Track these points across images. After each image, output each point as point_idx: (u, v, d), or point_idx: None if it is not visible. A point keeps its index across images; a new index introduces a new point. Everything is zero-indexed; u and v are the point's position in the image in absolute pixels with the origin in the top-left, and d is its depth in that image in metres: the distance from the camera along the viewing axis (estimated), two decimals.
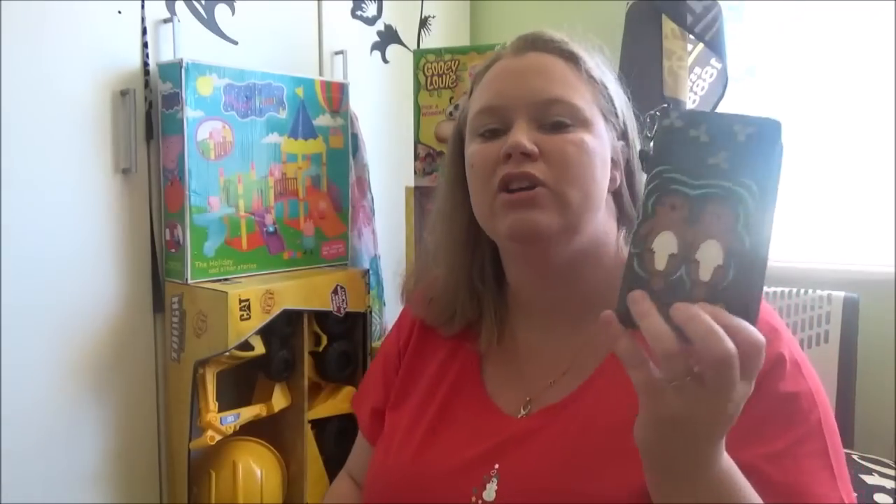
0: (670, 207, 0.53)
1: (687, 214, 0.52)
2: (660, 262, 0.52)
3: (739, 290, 0.51)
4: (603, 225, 0.76)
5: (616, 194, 0.78)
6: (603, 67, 0.78)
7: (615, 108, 0.76)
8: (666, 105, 0.57)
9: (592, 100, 0.74)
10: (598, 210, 0.74)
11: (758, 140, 0.54)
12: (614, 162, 0.76)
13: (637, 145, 0.79)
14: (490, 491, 0.70)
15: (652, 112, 0.59)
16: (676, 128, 0.55)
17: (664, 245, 0.53)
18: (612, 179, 0.77)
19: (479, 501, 0.70)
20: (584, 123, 0.72)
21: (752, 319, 0.50)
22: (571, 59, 0.75)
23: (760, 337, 0.48)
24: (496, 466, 0.71)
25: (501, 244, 0.78)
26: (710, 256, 0.51)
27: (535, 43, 0.76)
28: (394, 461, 0.79)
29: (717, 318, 0.48)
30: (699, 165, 0.53)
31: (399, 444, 0.80)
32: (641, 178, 0.78)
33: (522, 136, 0.70)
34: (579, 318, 0.76)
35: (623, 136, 0.78)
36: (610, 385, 0.70)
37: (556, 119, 0.71)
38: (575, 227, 0.72)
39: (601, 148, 0.73)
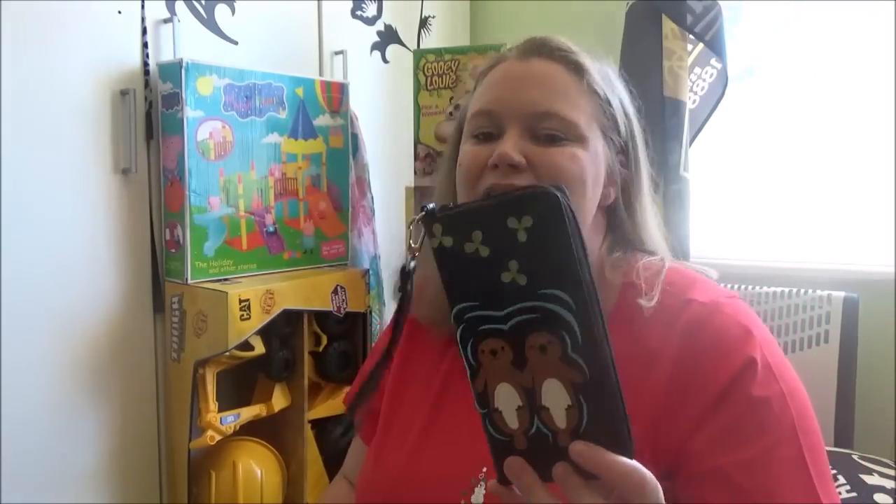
0: (491, 354, 0.46)
1: (511, 356, 0.46)
2: (511, 421, 0.46)
3: (603, 420, 0.45)
4: (587, 235, 0.74)
5: (609, 210, 0.77)
6: (611, 80, 0.76)
7: (617, 123, 0.75)
8: (423, 207, 0.49)
9: (592, 114, 0.72)
10: (583, 223, 0.72)
11: (542, 230, 0.45)
12: (610, 178, 0.75)
13: (642, 160, 0.78)
14: (478, 495, 0.70)
15: (413, 219, 0.51)
16: (447, 248, 0.46)
17: (507, 399, 0.46)
18: (606, 196, 0.75)
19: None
20: (579, 139, 0.71)
21: (628, 446, 0.46)
22: (576, 69, 0.73)
23: (640, 474, 0.46)
24: (484, 470, 0.71)
25: None
26: (556, 399, 0.45)
27: (540, 48, 0.74)
28: (387, 464, 0.79)
29: (593, 461, 0.45)
30: (495, 289, 0.45)
31: (392, 446, 0.80)
32: (642, 193, 0.78)
33: (511, 148, 0.69)
34: None
35: (623, 151, 0.76)
36: None
37: (550, 132, 0.70)
38: None
39: (593, 164, 0.72)
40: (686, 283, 0.72)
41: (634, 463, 0.46)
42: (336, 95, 1.64)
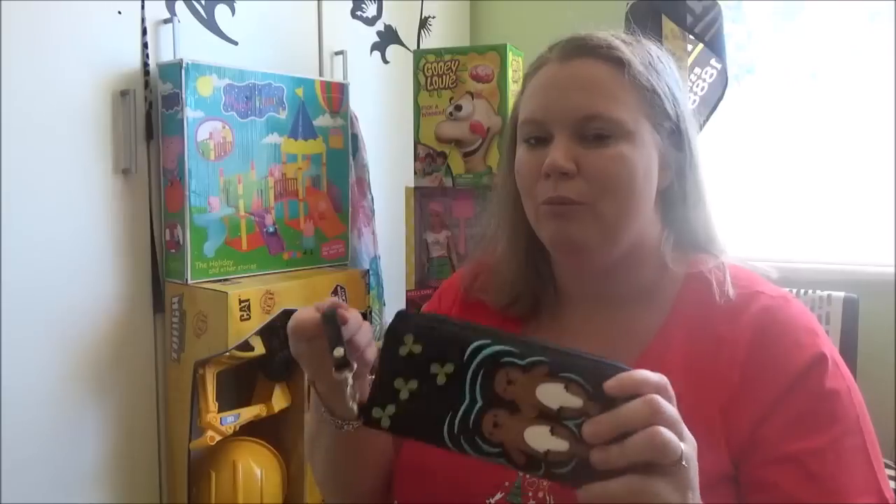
0: (495, 427, 0.51)
1: (505, 411, 0.51)
2: (559, 445, 0.50)
3: (591, 370, 0.50)
4: (644, 229, 0.76)
5: (665, 197, 0.78)
6: (655, 64, 0.76)
7: (665, 109, 0.75)
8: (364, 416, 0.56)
9: (637, 107, 0.73)
10: (638, 219, 0.74)
11: (421, 333, 0.54)
12: (664, 163, 0.76)
13: (693, 139, 0.78)
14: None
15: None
16: (393, 416, 0.53)
17: (540, 437, 0.50)
18: (662, 179, 0.77)
19: (526, 476, 0.70)
20: (626, 135, 0.72)
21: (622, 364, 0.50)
22: (618, 64, 0.74)
23: (655, 377, 0.50)
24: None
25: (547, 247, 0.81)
26: (554, 393, 0.50)
27: (580, 48, 0.75)
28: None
29: (624, 383, 0.49)
30: (445, 392, 0.52)
31: None
32: (696, 175, 0.79)
33: (560, 156, 0.71)
34: (622, 311, 0.78)
35: (677, 132, 0.77)
36: None
37: (597, 133, 0.72)
38: (612, 238, 0.73)
39: (644, 158, 0.73)
40: (752, 278, 0.76)
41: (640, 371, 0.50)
42: (336, 96, 1.64)
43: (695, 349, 0.71)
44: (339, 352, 0.63)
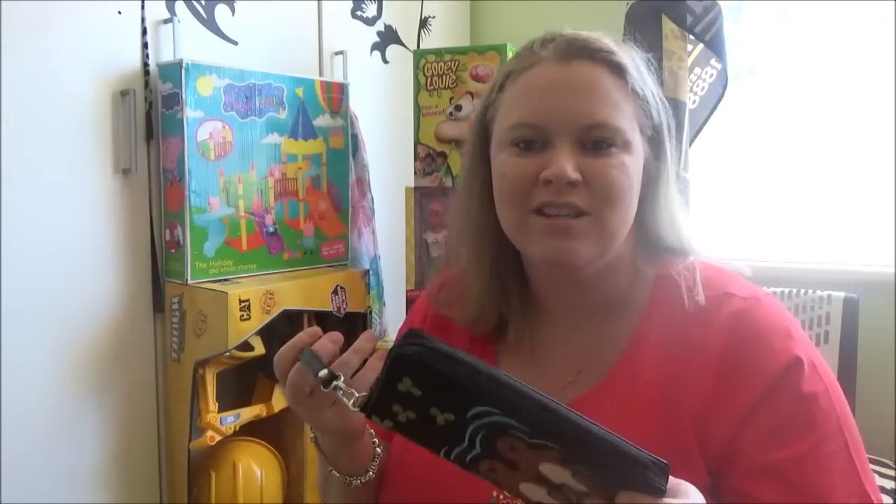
0: (491, 472, 0.50)
1: (503, 465, 0.49)
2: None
3: (606, 469, 0.48)
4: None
5: (641, 200, 0.76)
6: (643, 72, 0.75)
7: (652, 116, 0.74)
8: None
9: (633, 116, 0.71)
10: (629, 228, 0.73)
11: (421, 377, 0.49)
12: (645, 171, 0.74)
13: (668, 148, 0.76)
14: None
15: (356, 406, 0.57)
16: (402, 422, 0.51)
17: (535, 493, 0.49)
18: (641, 188, 0.75)
19: (501, 496, 0.70)
20: (625, 145, 0.70)
21: (648, 474, 0.48)
22: (619, 71, 0.71)
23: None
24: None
25: (530, 260, 0.77)
26: (560, 474, 0.48)
27: (581, 50, 0.71)
28: (414, 454, 0.77)
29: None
30: (445, 432, 0.50)
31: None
32: (668, 183, 0.76)
33: (567, 164, 0.67)
34: (595, 320, 0.76)
35: (656, 138, 0.75)
36: (626, 385, 0.70)
37: (597, 140, 0.69)
38: (608, 249, 0.71)
39: (637, 168, 0.72)
40: (723, 278, 0.73)
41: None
42: (336, 96, 1.64)
43: (668, 355, 0.69)
44: (322, 373, 0.60)
